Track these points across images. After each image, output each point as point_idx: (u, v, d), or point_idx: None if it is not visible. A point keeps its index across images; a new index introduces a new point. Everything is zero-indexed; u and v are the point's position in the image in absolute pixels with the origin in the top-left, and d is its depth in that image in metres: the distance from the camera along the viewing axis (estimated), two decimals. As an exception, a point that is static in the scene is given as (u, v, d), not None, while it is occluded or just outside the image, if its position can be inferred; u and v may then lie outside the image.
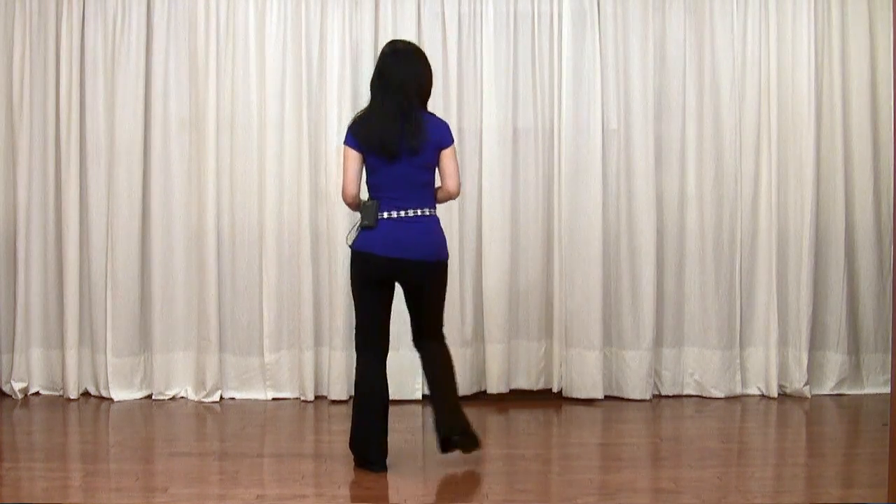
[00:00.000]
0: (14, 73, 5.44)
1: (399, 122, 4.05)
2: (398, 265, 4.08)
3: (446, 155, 4.13)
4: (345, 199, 4.19)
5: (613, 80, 5.47)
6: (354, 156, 4.10)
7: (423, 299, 4.19)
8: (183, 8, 5.44)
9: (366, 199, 4.14)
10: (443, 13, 5.45)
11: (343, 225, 5.40)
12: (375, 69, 4.18)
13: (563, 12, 5.43)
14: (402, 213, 4.07)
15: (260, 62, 5.45)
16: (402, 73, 4.09)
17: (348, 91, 5.42)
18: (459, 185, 4.18)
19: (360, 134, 4.08)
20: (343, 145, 4.15)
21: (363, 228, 4.10)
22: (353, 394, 4.33)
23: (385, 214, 4.07)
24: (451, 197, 4.22)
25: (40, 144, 5.47)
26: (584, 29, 5.44)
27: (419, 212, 4.10)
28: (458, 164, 4.19)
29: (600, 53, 5.44)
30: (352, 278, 4.20)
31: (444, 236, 4.20)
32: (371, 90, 4.16)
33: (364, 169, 4.13)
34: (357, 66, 5.44)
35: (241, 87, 5.46)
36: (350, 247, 4.17)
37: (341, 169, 4.23)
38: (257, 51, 5.46)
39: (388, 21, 5.42)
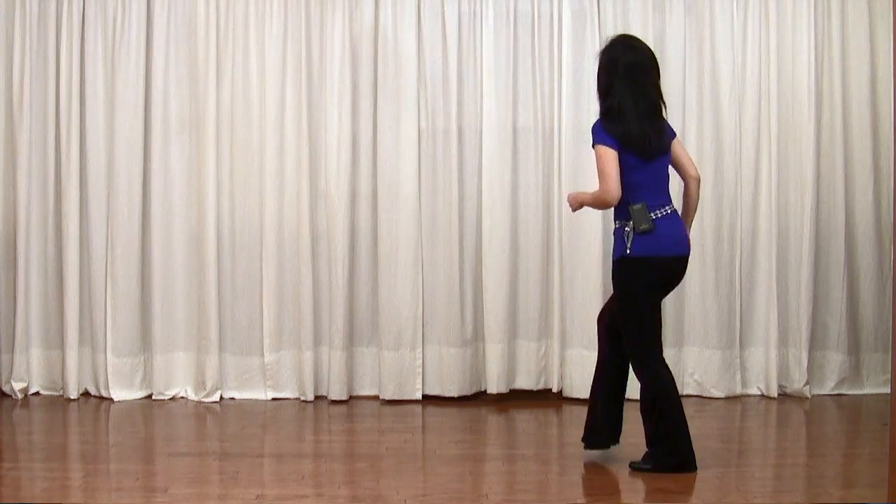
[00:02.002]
0: (14, 73, 5.44)
1: (653, 121, 4.02)
2: (680, 262, 4.06)
3: (678, 143, 4.14)
4: (610, 202, 3.97)
5: (613, 80, 5.46)
6: (615, 155, 3.94)
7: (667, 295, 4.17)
8: (183, 8, 5.44)
9: (631, 204, 3.98)
10: (443, 13, 5.45)
11: (343, 225, 5.40)
12: (615, 66, 4.01)
13: (563, 12, 5.43)
14: (665, 211, 4.03)
15: (260, 62, 5.45)
16: (647, 70, 4.03)
17: (348, 91, 5.42)
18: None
19: (616, 133, 3.95)
20: (599, 146, 3.95)
21: (640, 233, 3.97)
22: (659, 406, 4.04)
23: (653, 215, 3.99)
24: (699, 183, 4.20)
25: (40, 144, 5.47)
26: (584, 29, 5.43)
27: (672, 206, 4.08)
28: None
29: (600, 53, 5.44)
30: (633, 287, 4.02)
31: None
32: (612, 86, 4.00)
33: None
34: (357, 66, 5.44)
35: (241, 87, 5.46)
36: (630, 256, 3.98)
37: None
38: (257, 51, 5.46)
39: (388, 21, 5.42)
